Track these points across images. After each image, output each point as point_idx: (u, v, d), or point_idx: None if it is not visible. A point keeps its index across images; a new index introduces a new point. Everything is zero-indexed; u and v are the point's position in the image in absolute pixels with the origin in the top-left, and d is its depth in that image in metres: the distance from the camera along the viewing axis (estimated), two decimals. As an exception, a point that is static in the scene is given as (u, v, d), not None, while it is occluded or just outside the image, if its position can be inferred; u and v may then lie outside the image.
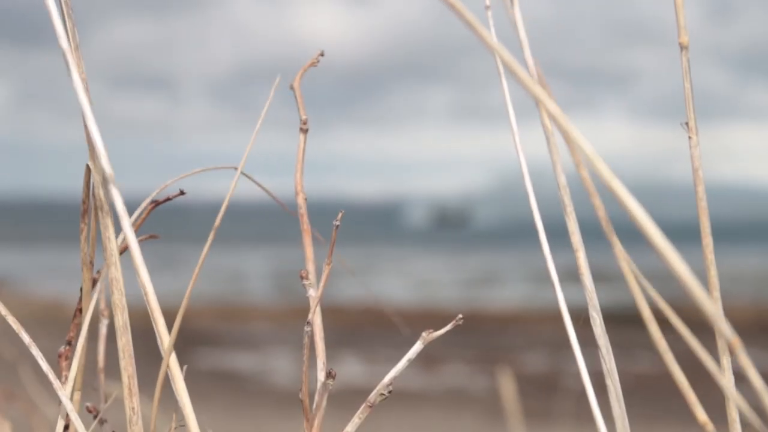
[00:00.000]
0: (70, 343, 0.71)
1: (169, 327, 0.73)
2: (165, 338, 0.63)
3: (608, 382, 0.75)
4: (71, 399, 0.69)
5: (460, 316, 0.89)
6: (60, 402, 0.67)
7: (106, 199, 0.70)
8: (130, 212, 0.71)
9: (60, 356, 0.69)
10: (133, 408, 0.67)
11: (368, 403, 0.85)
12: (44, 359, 0.70)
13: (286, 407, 16.38)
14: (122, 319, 0.70)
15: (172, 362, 0.63)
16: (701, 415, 0.83)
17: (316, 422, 0.86)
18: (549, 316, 27.28)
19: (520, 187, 0.84)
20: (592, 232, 0.85)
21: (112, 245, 0.71)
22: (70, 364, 0.70)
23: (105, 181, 0.68)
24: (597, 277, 0.85)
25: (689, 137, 0.70)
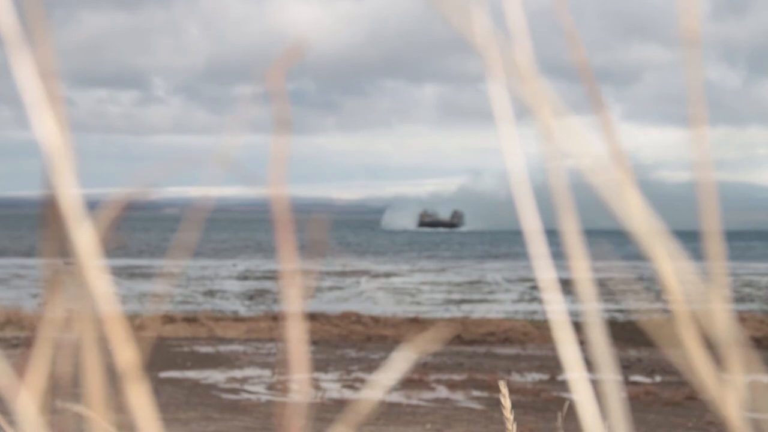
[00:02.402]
0: (29, 356, 0.70)
1: (131, 341, 0.72)
2: (128, 372, 0.62)
3: (606, 400, 0.74)
4: (30, 417, 0.68)
5: (450, 329, 0.88)
6: (16, 420, 0.66)
7: (67, 201, 0.69)
8: (94, 214, 0.70)
9: (17, 370, 0.68)
10: (96, 427, 0.66)
11: (350, 420, 0.84)
12: None
13: (262, 421, 16.34)
14: (88, 334, 0.69)
15: (138, 394, 0.61)
16: None
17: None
18: (539, 327, 27.33)
19: (508, 189, 0.83)
20: (586, 240, 0.84)
21: (77, 252, 0.70)
22: (28, 379, 0.69)
23: (66, 181, 0.67)
24: (594, 288, 0.84)
25: (697, 138, 0.69)
